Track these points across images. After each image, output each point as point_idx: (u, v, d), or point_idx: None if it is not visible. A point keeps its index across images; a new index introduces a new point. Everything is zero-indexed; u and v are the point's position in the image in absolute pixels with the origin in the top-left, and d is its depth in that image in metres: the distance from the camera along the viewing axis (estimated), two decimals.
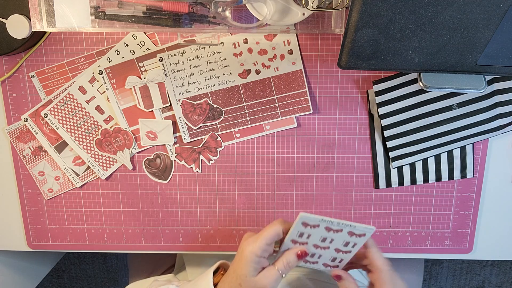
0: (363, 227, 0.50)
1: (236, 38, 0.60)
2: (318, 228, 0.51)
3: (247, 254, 0.51)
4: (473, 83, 0.50)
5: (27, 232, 0.70)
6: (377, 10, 0.43)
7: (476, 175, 0.65)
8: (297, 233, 0.52)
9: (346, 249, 0.53)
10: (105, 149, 0.65)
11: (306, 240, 0.53)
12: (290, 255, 0.53)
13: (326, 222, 0.50)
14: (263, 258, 0.52)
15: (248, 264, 0.51)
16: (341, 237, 0.51)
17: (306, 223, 0.50)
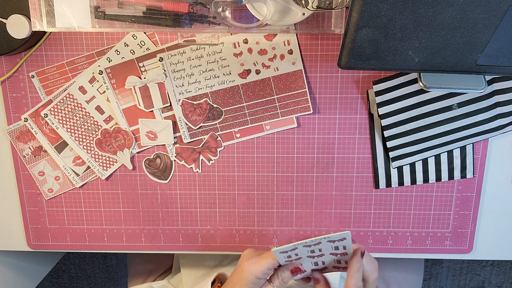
0: (338, 235, 0.50)
1: (236, 38, 0.60)
2: (299, 250, 0.52)
3: (247, 275, 0.53)
4: (473, 83, 0.50)
5: (27, 232, 0.70)
6: (377, 10, 0.43)
7: (476, 175, 0.65)
8: (284, 260, 0.54)
9: (340, 252, 0.53)
10: (105, 149, 0.65)
11: (298, 257, 0.54)
12: (284, 272, 0.55)
13: (302, 245, 0.51)
14: (262, 279, 0.54)
15: (247, 285, 0.53)
16: (325, 247, 0.52)
17: (283, 252, 0.51)
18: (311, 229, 0.68)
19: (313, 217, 0.68)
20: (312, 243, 0.51)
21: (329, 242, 0.51)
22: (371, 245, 0.69)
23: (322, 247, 0.52)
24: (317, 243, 0.51)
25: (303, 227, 0.68)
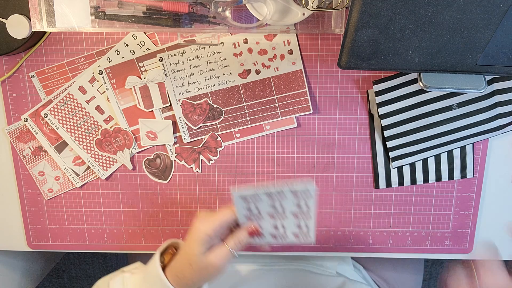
0: (300, 184, 0.48)
1: (236, 38, 0.60)
2: (260, 198, 0.50)
3: (199, 233, 0.50)
4: (473, 83, 0.50)
5: (27, 232, 0.70)
6: (377, 10, 0.43)
7: (476, 175, 0.65)
8: (244, 210, 0.51)
9: (303, 211, 0.51)
10: (105, 149, 0.65)
11: (258, 212, 0.51)
12: (241, 233, 0.52)
13: (262, 188, 0.49)
14: (215, 238, 0.51)
15: (199, 244, 0.50)
16: (288, 200, 0.50)
17: (244, 197, 0.49)
18: None
19: None
20: (274, 190, 0.49)
21: (292, 195, 0.49)
22: (371, 245, 0.69)
23: (283, 201, 0.50)
24: (279, 191, 0.49)
25: None
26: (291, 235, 0.54)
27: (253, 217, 0.52)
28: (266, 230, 0.54)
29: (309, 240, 0.55)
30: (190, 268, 0.51)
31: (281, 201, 0.50)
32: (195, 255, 0.50)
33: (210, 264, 0.51)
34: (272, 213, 0.52)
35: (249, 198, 0.50)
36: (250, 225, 0.53)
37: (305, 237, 0.54)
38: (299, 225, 0.53)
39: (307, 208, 0.51)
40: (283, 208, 0.51)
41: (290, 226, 0.53)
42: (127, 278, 0.56)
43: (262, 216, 0.52)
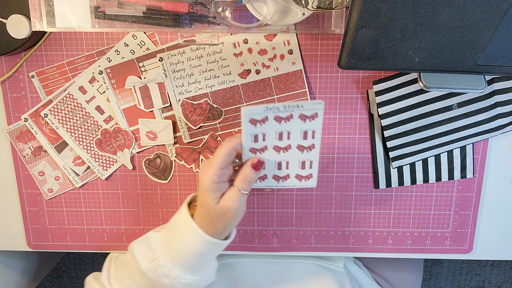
0: (311, 103, 0.48)
1: (236, 38, 0.60)
2: (268, 122, 0.49)
3: (204, 183, 0.50)
4: (473, 83, 0.50)
5: (27, 232, 0.70)
6: (377, 10, 0.43)
7: (476, 175, 0.65)
8: (251, 137, 0.50)
9: (308, 143, 0.50)
10: (105, 149, 0.65)
11: (264, 144, 0.51)
12: (245, 169, 0.51)
13: (273, 110, 0.47)
14: (222, 182, 0.51)
15: (209, 193, 0.50)
16: (295, 126, 0.49)
17: (253, 120, 0.48)
18: (311, 229, 0.68)
19: (313, 217, 0.68)
20: (283, 114, 0.48)
21: (300, 120, 0.49)
22: (371, 245, 0.69)
23: (290, 127, 0.49)
24: (288, 115, 0.48)
25: (303, 227, 0.68)
26: (294, 178, 0.53)
27: (258, 148, 0.51)
28: (270, 169, 0.53)
29: (311, 183, 0.54)
30: (209, 216, 0.52)
31: (289, 127, 0.49)
32: (209, 204, 0.51)
33: (225, 209, 0.51)
34: (277, 146, 0.51)
35: (258, 120, 0.48)
36: (253, 158, 0.52)
37: (307, 179, 0.53)
38: (303, 162, 0.52)
39: (313, 138, 0.50)
40: (289, 137, 0.50)
41: (294, 164, 0.52)
42: (151, 238, 0.56)
43: (267, 148, 0.51)
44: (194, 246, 0.53)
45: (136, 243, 0.57)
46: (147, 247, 0.55)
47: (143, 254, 0.55)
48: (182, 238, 0.53)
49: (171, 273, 0.53)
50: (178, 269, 0.53)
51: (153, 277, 0.54)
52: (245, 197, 0.52)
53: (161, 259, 0.53)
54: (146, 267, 0.54)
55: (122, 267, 0.58)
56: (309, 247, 0.69)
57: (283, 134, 0.50)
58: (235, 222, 0.54)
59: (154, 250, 0.54)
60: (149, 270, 0.54)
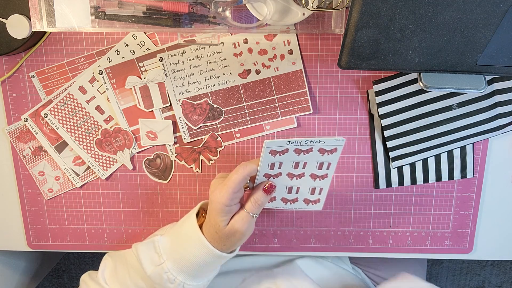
0: (333, 140, 0.49)
1: (236, 38, 0.60)
2: (288, 154, 0.49)
3: (216, 205, 0.51)
4: (473, 83, 0.50)
5: (27, 232, 0.70)
6: (377, 10, 0.43)
7: (476, 175, 0.65)
8: (267, 165, 0.50)
9: (322, 173, 0.51)
10: (105, 149, 0.65)
11: (279, 171, 0.51)
12: (257, 193, 0.52)
13: (294, 144, 0.48)
14: (233, 205, 0.52)
15: (219, 214, 0.51)
16: (313, 158, 0.50)
17: (274, 151, 0.49)
18: (311, 229, 0.68)
19: (313, 217, 0.68)
20: (303, 148, 0.49)
21: (319, 152, 0.50)
22: (371, 245, 0.69)
23: (308, 158, 0.50)
24: (309, 148, 0.49)
25: (303, 227, 0.68)
26: (302, 201, 0.54)
27: (272, 174, 0.51)
28: (280, 192, 0.54)
29: (317, 207, 0.55)
30: (217, 235, 0.53)
31: (306, 159, 0.50)
32: (218, 226, 0.52)
33: (234, 231, 0.52)
34: (291, 173, 0.52)
35: (278, 151, 0.49)
36: (265, 183, 0.52)
37: (314, 204, 0.54)
38: (313, 189, 0.53)
39: (327, 169, 0.51)
40: (304, 166, 0.51)
41: (304, 190, 0.53)
42: (158, 242, 0.56)
43: (281, 174, 0.52)
44: (201, 258, 0.54)
45: (141, 245, 0.57)
46: (152, 251, 0.56)
47: (149, 258, 0.55)
48: (189, 248, 0.54)
49: (176, 279, 0.54)
50: (182, 275, 0.54)
51: (158, 281, 0.54)
52: (255, 219, 0.53)
53: (166, 265, 0.54)
54: (151, 271, 0.54)
55: (123, 267, 0.58)
56: (309, 247, 0.69)
57: (300, 163, 0.51)
58: (243, 241, 0.55)
59: (160, 254, 0.55)
60: (154, 274, 0.54)
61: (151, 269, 0.55)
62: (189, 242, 0.54)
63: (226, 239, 0.53)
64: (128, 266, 0.57)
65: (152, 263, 0.55)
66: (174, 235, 0.57)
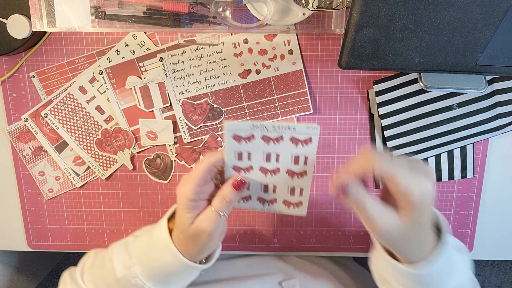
0: (305, 127, 0.43)
1: (236, 38, 0.60)
2: (255, 141, 0.44)
3: (180, 199, 0.46)
4: (474, 83, 0.50)
5: (27, 232, 0.70)
6: (377, 10, 0.43)
7: (476, 175, 0.65)
8: (234, 155, 0.45)
9: (299, 169, 0.46)
10: (105, 149, 0.65)
11: (249, 164, 0.46)
12: (225, 188, 0.46)
13: (260, 128, 0.43)
14: (200, 201, 0.46)
15: (184, 211, 0.46)
16: (286, 149, 0.44)
17: (238, 136, 0.44)
18: (311, 229, 0.68)
19: (313, 217, 0.68)
20: (272, 135, 0.43)
21: (292, 143, 0.44)
22: (371, 245, 0.69)
23: (280, 150, 0.45)
24: (278, 136, 0.43)
25: (303, 227, 0.68)
26: (281, 203, 0.48)
27: (242, 166, 0.46)
28: (255, 190, 0.48)
29: (300, 212, 0.49)
30: (182, 236, 0.47)
31: (278, 149, 0.45)
32: (183, 224, 0.47)
33: (199, 231, 0.46)
34: (264, 167, 0.46)
35: (243, 138, 0.44)
36: (234, 177, 0.46)
37: (296, 207, 0.49)
38: (292, 188, 0.47)
39: (305, 164, 0.45)
40: (278, 160, 0.45)
41: (282, 189, 0.48)
42: (131, 243, 0.53)
43: (253, 168, 0.46)
44: (169, 266, 0.49)
45: (116, 246, 0.54)
46: (125, 252, 0.52)
47: (120, 259, 0.52)
48: (157, 255, 0.50)
49: (145, 286, 0.50)
50: (151, 282, 0.50)
51: (127, 286, 0.51)
52: (224, 219, 0.47)
53: (135, 269, 0.50)
54: (120, 274, 0.51)
55: (99, 267, 0.55)
56: (309, 247, 0.69)
57: (271, 155, 0.46)
58: (212, 245, 0.49)
59: (131, 257, 0.51)
60: (124, 278, 0.51)
61: (121, 271, 0.51)
62: (157, 248, 0.50)
63: (192, 241, 0.47)
64: (104, 268, 0.53)
65: (123, 265, 0.51)
66: (146, 237, 0.52)
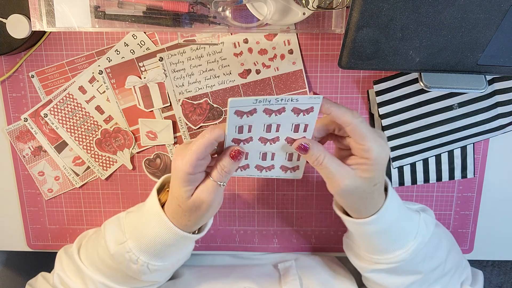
0: (307, 98, 0.43)
1: (236, 37, 0.60)
2: (257, 115, 0.44)
3: (178, 173, 0.46)
4: (474, 83, 0.50)
5: (27, 232, 0.69)
6: (377, 10, 0.43)
7: (476, 175, 0.65)
8: (235, 129, 0.45)
9: (299, 136, 0.47)
10: (105, 149, 0.65)
11: (249, 135, 0.46)
12: (223, 159, 0.47)
13: (263, 102, 0.42)
14: (198, 174, 0.46)
15: (182, 184, 0.46)
16: (286, 119, 0.45)
17: (240, 111, 0.43)
18: (311, 229, 0.68)
19: (313, 217, 0.68)
20: (274, 107, 0.43)
21: (293, 113, 0.44)
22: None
23: (281, 120, 0.45)
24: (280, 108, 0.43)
25: (303, 227, 0.68)
26: (278, 168, 0.50)
27: (242, 138, 0.46)
28: (253, 159, 0.49)
29: (296, 175, 0.51)
30: (180, 209, 0.48)
31: (279, 120, 0.45)
32: (182, 197, 0.47)
33: (200, 202, 0.47)
34: (264, 137, 0.46)
35: (245, 112, 0.43)
36: (232, 148, 0.47)
37: (293, 171, 0.50)
38: (290, 154, 0.48)
39: (304, 131, 0.46)
40: (278, 129, 0.46)
41: (280, 156, 0.48)
42: (122, 218, 0.54)
43: (252, 139, 0.47)
44: (162, 238, 0.50)
45: (108, 223, 0.55)
46: (117, 228, 0.53)
47: (113, 236, 0.53)
48: (150, 227, 0.50)
49: (139, 259, 0.51)
50: (145, 255, 0.51)
51: (121, 261, 0.52)
52: (222, 189, 0.48)
53: (128, 244, 0.51)
54: (114, 250, 0.52)
55: (93, 244, 0.56)
56: (309, 247, 0.69)
57: (272, 126, 0.46)
58: (210, 215, 0.50)
59: (124, 232, 0.52)
60: (117, 253, 0.52)
61: (114, 247, 0.52)
62: (149, 220, 0.50)
63: (191, 212, 0.48)
64: (98, 245, 0.54)
65: (116, 242, 0.52)
66: (138, 211, 0.53)
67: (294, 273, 0.61)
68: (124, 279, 0.54)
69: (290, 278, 0.60)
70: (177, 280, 0.61)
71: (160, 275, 0.55)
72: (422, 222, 0.52)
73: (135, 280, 0.54)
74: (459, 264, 0.57)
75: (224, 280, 0.61)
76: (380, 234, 0.50)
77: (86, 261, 0.56)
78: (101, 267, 0.54)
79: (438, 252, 0.53)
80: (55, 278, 0.58)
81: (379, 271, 0.54)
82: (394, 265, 0.51)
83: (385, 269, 0.53)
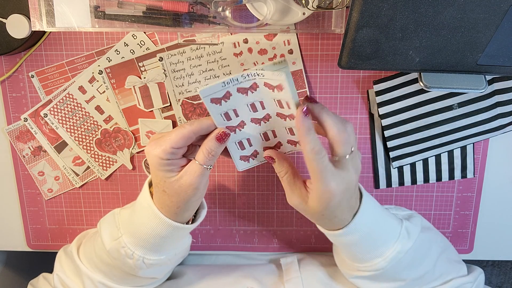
0: (270, 73, 0.42)
1: (236, 37, 0.60)
2: (233, 97, 0.43)
3: (151, 159, 0.46)
4: (474, 83, 0.50)
5: (27, 232, 0.69)
6: (377, 10, 0.43)
7: (476, 175, 0.65)
8: (221, 117, 0.45)
9: (288, 112, 0.45)
10: (105, 149, 0.65)
11: (240, 119, 0.46)
12: (209, 142, 0.46)
13: (232, 82, 0.42)
14: (175, 160, 0.46)
15: (160, 169, 0.46)
16: (266, 95, 0.44)
17: (215, 99, 0.43)
18: (311, 229, 0.68)
19: None
20: (244, 85, 0.42)
21: (267, 88, 0.43)
22: None
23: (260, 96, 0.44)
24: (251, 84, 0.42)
25: (303, 227, 0.68)
26: (287, 144, 0.49)
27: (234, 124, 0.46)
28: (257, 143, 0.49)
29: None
30: (166, 195, 0.47)
31: (258, 96, 0.44)
32: (165, 182, 0.47)
33: (186, 185, 0.46)
34: (255, 118, 0.46)
35: (221, 98, 0.43)
36: (217, 130, 0.46)
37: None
38: (290, 129, 0.47)
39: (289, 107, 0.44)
40: (264, 106, 0.45)
41: (281, 132, 0.48)
42: (117, 215, 0.54)
43: (245, 123, 0.46)
44: (155, 230, 0.50)
45: (104, 220, 0.55)
46: (112, 224, 0.53)
47: (108, 232, 0.53)
48: (142, 220, 0.50)
49: (134, 254, 0.51)
50: (140, 250, 0.51)
51: (116, 257, 0.52)
52: (208, 172, 0.48)
53: (123, 239, 0.51)
54: (109, 246, 0.52)
55: (90, 242, 0.57)
56: (309, 247, 0.69)
57: (256, 104, 0.45)
58: (198, 198, 0.49)
59: (118, 228, 0.52)
60: (112, 249, 0.52)
61: (109, 243, 0.52)
62: (141, 213, 0.51)
63: (177, 197, 0.47)
64: (95, 243, 0.55)
65: (111, 237, 0.52)
66: (132, 206, 0.53)
67: (296, 269, 0.61)
68: (122, 276, 0.54)
69: (292, 275, 0.60)
70: (179, 280, 0.61)
71: (156, 270, 0.55)
72: (404, 231, 0.52)
73: (133, 277, 0.54)
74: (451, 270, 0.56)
75: (226, 279, 0.61)
76: (356, 244, 0.50)
77: (85, 259, 0.56)
78: (99, 264, 0.54)
79: (426, 259, 0.53)
80: (55, 279, 0.58)
81: (362, 278, 0.54)
82: (374, 273, 0.52)
83: (367, 276, 0.53)
